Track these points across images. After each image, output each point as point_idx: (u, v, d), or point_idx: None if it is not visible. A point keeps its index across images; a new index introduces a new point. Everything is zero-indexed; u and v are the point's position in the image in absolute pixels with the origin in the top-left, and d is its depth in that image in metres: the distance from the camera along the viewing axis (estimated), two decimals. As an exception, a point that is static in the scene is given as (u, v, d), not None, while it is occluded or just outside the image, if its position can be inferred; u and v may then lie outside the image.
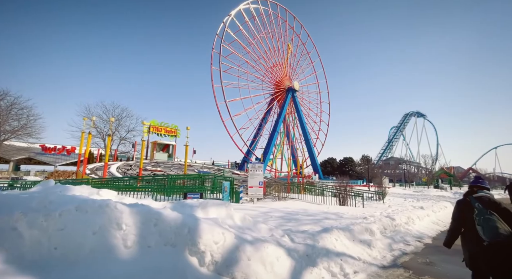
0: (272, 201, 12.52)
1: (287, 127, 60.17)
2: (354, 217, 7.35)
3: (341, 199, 11.39)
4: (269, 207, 8.29)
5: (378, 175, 65.03)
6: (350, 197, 11.59)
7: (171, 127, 32.43)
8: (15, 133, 32.57)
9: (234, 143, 47.46)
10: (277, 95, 56.62)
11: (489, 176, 76.33)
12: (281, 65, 57.11)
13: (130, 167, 19.58)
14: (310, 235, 4.89)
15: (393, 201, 15.99)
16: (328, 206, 10.04)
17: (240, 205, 8.54)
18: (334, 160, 74.53)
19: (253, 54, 51.74)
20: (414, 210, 10.16)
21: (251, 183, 10.22)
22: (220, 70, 44.09)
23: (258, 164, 10.82)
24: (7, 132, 32.23)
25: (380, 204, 13.26)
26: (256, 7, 52.19)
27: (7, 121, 31.51)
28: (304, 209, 8.34)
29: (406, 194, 25.27)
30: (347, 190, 11.69)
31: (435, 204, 13.96)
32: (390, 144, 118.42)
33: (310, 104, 66.57)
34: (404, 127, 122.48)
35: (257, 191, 10.62)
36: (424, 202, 15.52)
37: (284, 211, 7.60)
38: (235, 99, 48.23)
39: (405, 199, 18.47)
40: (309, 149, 58.60)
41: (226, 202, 4.91)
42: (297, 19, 62.52)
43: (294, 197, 13.86)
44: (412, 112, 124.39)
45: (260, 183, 10.22)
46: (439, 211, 12.14)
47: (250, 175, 10.35)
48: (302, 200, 13.56)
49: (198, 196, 8.55)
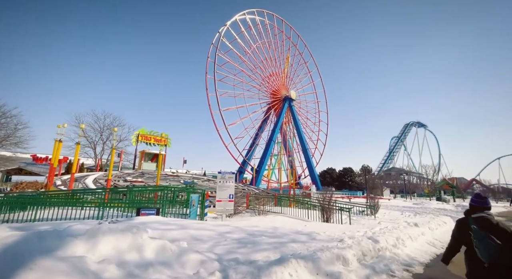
0: (250, 216, 11.29)
1: (284, 136, 59.16)
2: (329, 238, 6.15)
3: (324, 214, 10.06)
4: (233, 226, 7.10)
5: (378, 185, 63.23)
6: (336, 211, 10.28)
7: (161, 136, 31.49)
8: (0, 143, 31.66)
9: (229, 152, 46.50)
10: (274, 104, 56.04)
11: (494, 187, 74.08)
12: (277, 75, 56.88)
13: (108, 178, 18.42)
14: (256, 269, 3.73)
15: (388, 215, 14.65)
16: (306, 223, 8.78)
17: (200, 222, 7.36)
18: (334, 170, 72.89)
19: (249, 63, 51.65)
20: (406, 228, 8.90)
21: (219, 196, 8.94)
22: (214, 79, 43.75)
23: (229, 174, 9.58)
24: (-5, 142, 31.32)
25: (371, 219, 11.91)
26: (253, 17, 52.61)
27: None
28: (275, 228, 7.14)
29: (404, 207, 23.77)
30: (331, 203, 10.34)
31: (433, 219, 12.64)
32: (391, 154, 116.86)
33: (308, 113, 65.97)
34: (405, 137, 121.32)
35: (226, 206, 9.23)
36: (422, 216, 14.18)
37: (248, 231, 6.41)
38: (230, 108, 47.63)
39: (402, 212, 17.10)
40: (307, 158, 57.30)
41: (133, 227, 3.76)
42: (294, 30, 63.04)
43: (278, 211, 12.60)
44: (412, 122, 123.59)
45: (231, 196, 8.97)
46: (436, 228, 10.83)
47: (219, 187, 9.08)
48: (286, 214, 12.31)
49: (153, 212, 7.39)
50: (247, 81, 52.05)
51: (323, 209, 10.04)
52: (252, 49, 51.73)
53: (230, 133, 44.81)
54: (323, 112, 69.13)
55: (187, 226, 6.41)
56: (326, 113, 69.70)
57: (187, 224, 6.58)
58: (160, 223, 6.39)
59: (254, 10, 52.85)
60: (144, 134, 29.71)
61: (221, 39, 46.14)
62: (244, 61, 50.61)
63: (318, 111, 68.38)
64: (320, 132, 66.80)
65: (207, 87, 44.17)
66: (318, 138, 66.02)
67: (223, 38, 46.61)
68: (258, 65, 53.37)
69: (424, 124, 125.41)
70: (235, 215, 10.91)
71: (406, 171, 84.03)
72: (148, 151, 30.18)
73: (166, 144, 31.55)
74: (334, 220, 10.12)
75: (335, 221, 10.10)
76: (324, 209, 10.01)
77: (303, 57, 66.04)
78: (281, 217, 11.51)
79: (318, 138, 66.07)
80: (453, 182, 63.84)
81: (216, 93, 43.27)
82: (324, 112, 69.38)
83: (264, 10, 55.42)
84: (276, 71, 56.84)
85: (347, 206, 12.11)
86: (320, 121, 67.80)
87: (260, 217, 11.01)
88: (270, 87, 56.11)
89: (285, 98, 56.19)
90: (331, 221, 9.97)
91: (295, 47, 63.62)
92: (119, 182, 17.86)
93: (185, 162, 35.27)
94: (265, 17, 55.45)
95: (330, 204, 10.25)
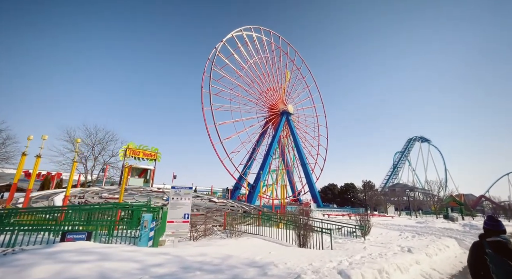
0: (220, 239, 9.85)
1: (283, 151, 57.84)
2: (286, 274, 4.78)
3: (300, 237, 8.52)
4: (175, 254, 5.78)
5: (382, 202, 60.49)
6: (314, 233, 8.73)
7: (150, 150, 30.53)
8: None
9: (224, 167, 45.16)
10: (271, 118, 55.39)
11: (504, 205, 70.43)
12: (274, 90, 56.77)
13: (83, 195, 17.22)
14: None
15: (382, 236, 12.97)
16: (280, 248, 7.36)
17: (135, 250, 6.03)
18: (335, 186, 70.46)
19: (246, 78, 51.73)
20: (396, 255, 7.42)
21: (171, 216, 7.45)
22: (210, 93, 43.53)
23: (184, 190, 7.98)
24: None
25: (359, 242, 10.31)
26: (250, 34, 53.47)
27: None
28: (227, 257, 5.79)
29: (406, 226, 21.79)
30: (308, 224, 8.76)
31: (434, 242, 11.01)
32: (396, 169, 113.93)
33: (307, 128, 65.06)
34: (408, 152, 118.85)
35: (180, 227, 7.53)
36: (422, 238, 12.50)
37: (187, 263, 5.11)
38: (226, 122, 46.95)
39: (401, 232, 15.32)
40: (306, 173, 55.42)
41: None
42: (291, 46, 63.87)
43: (256, 231, 11.12)
44: (415, 137, 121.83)
45: (186, 215, 7.56)
46: (436, 254, 9.26)
47: (171, 204, 7.58)
48: (264, 236, 10.83)
49: (83, 236, 6.12)
50: (243, 96, 51.85)
51: (299, 231, 8.54)
52: (248, 64, 52.06)
53: (225, 147, 43.76)
54: (322, 126, 68.26)
55: (111, 256, 5.14)
56: (326, 127, 68.81)
57: (112, 253, 5.31)
58: (77, 252, 5.15)
59: (251, 27, 53.83)
60: (133, 149, 28.77)
61: (217, 54, 46.54)
62: (241, 76, 50.73)
63: (318, 126, 67.50)
64: (319, 146, 65.46)
65: (203, 101, 43.88)
66: (318, 153, 64.52)
67: (219, 54, 47.02)
68: (255, 80, 53.45)
69: (428, 139, 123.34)
70: (201, 238, 9.52)
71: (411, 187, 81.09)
72: (136, 165, 29.09)
73: (155, 158, 30.50)
74: (313, 243, 8.64)
75: (314, 245, 8.62)
76: (300, 231, 8.52)
77: (301, 72, 66.42)
78: (256, 239, 10.07)
79: (318, 153, 64.59)
80: (460, 198, 60.83)
81: (211, 107, 42.84)
82: (323, 127, 68.50)
83: (261, 27, 56.49)
84: (273, 86, 56.82)
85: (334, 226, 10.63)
86: (319, 135, 66.69)
87: (229, 240, 9.58)
88: (267, 102, 55.81)
89: (283, 112, 55.61)
90: (309, 245, 8.48)
91: (292, 63, 64.16)
92: (94, 198, 16.62)
93: (175, 177, 34.03)
94: (262, 33, 56.39)
95: (307, 224, 8.73)
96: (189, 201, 7.59)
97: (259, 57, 54.63)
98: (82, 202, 15.26)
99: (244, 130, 48.38)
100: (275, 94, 57.24)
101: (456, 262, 9.16)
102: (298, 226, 8.60)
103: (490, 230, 2.66)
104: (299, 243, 8.40)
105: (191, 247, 7.60)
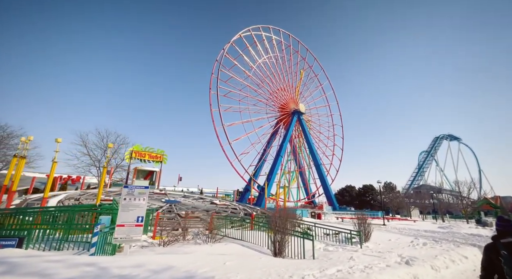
0: (194, 245, 8.91)
1: (295, 151, 56.07)
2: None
3: (276, 243, 7.20)
4: (99, 266, 4.94)
5: (404, 205, 56.26)
6: (293, 238, 7.39)
7: (156, 152, 30.61)
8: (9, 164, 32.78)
9: (234, 169, 44.49)
10: (282, 118, 53.99)
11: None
12: (284, 90, 55.35)
13: (79, 197, 17.25)
14: None
15: (389, 243, 11.20)
16: (229, 261, 6.23)
17: (58, 259, 5.26)
18: (353, 188, 67.03)
19: (255, 78, 50.94)
20: (387, 269, 6.00)
21: (121, 219, 6.40)
22: (217, 94, 43.24)
23: (139, 189, 6.90)
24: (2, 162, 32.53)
25: (352, 250, 8.71)
26: (258, 33, 52.75)
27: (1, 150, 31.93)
28: (167, 268, 4.86)
29: (426, 231, 19.39)
30: (286, 228, 7.37)
31: (448, 252, 9.21)
32: (421, 170, 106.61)
33: (321, 127, 62.71)
34: (435, 151, 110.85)
35: (132, 232, 6.41)
36: (436, 246, 10.66)
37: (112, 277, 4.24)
38: (235, 123, 46.40)
39: (415, 239, 13.36)
40: (320, 175, 53.09)
41: None
42: (302, 44, 62.18)
43: (237, 236, 10.03)
44: (443, 135, 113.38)
45: (140, 219, 6.60)
46: (447, 267, 7.60)
47: (122, 206, 6.55)
48: (247, 240, 9.74)
49: (13, 243, 5.48)
50: (253, 96, 51.04)
51: (274, 237, 7.24)
52: (257, 64, 51.26)
53: (234, 149, 43.11)
54: (337, 125, 65.48)
55: (17, 268, 4.41)
56: (341, 126, 65.95)
57: (23, 264, 4.57)
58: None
59: (259, 26, 53.09)
60: (138, 151, 28.99)
61: (224, 55, 46.29)
62: (250, 76, 50.01)
63: (333, 125, 64.84)
64: (335, 147, 62.71)
65: (211, 103, 43.76)
66: (333, 154, 61.80)
67: (227, 54, 46.75)
68: (265, 80, 52.48)
69: (457, 137, 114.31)
70: (175, 243, 8.67)
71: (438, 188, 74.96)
72: (141, 167, 29.29)
73: (161, 160, 30.51)
74: (293, 251, 7.37)
75: (295, 254, 7.36)
76: (274, 237, 7.20)
77: (313, 70, 64.38)
78: (234, 245, 9.02)
79: (333, 153, 61.87)
80: (496, 201, 54.82)
81: (219, 108, 42.49)
82: (338, 126, 65.71)
83: (270, 26, 55.54)
84: (283, 85, 55.45)
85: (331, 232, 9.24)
86: (335, 135, 63.98)
87: (203, 246, 8.61)
88: (278, 102, 54.52)
89: (294, 112, 53.98)
90: (285, 253, 7.20)
91: (304, 61, 62.38)
92: (87, 200, 16.55)
93: (180, 179, 33.95)
94: (271, 32, 55.41)
95: (285, 228, 7.36)
96: (144, 202, 6.71)
97: (268, 57, 53.66)
98: (76, 203, 15.16)
99: (253, 131, 47.48)
100: (286, 94, 55.80)
101: (473, 277, 7.45)
102: (274, 230, 7.30)
103: (503, 231, 2.65)
104: (274, 251, 7.16)
105: (149, 255, 6.70)
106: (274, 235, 7.04)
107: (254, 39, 51.70)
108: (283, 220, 7.16)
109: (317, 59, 65.55)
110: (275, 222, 7.12)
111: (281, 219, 7.15)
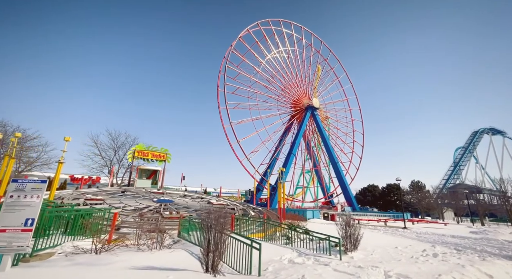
0: (136, 252, 7.51)
1: (310, 149, 53.16)
2: None
3: (208, 255, 5.34)
4: None
5: (435, 206, 50.53)
6: (237, 247, 5.58)
7: (160, 151, 30.25)
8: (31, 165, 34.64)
9: (244, 168, 43.15)
10: (295, 114, 51.50)
11: None
12: (296, 85, 52.74)
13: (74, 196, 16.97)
14: None
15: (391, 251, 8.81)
16: None
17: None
18: (376, 188, 62.07)
19: (264, 74, 49.14)
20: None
21: (4, 223, 5.02)
22: (224, 91, 42.21)
23: (33, 184, 5.44)
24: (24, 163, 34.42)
25: (324, 264, 6.45)
26: (268, 27, 50.93)
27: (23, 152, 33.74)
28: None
29: (454, 236, 16.15)
30: (223, 233, 5.45)
31: (464, 268, 6.78)
32: (457, 167, 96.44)
33: (338, 123, 58.94)
34: (474, 147, 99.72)
35: (14, 239, 4.97)
36: (452, 257, 8.16)
37: None
38: (244, 121, 44.95)
39: (430, 247, 10.73)
40: (338, 173, 49.60)
41: None
42: (316, 36, 59.07)
43: (196, 240, 8.52)
44: (483, 129, 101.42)
45: (29, 222, 5.15)
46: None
47: (7, 205, 5.15)
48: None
49: None
50: (263, 92, 49.25)
51: (207, 245, 5.45)
52: (267, 59, 49.43)
53: (244, 147, 41.77)
54: (357, 121, 61.14)
55: None
56: (361, 122, 61.45)
57: None
58: None
59: (268, 20, 51.25)
60: (141, 150, 28.81)
61: (232, 52, 45.22)
62: (259, 72, 48.34)
63: (351, 120, 60.66)
64: (354, 143, 58.56)
65: (219, 101, 42.90)
66: (353, 151, 57.71)
67: (234, 51, 45.62)
68: (275, 75, 50.47)
69: (502, 130, 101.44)
70: (115, 248, 7.38)
71: (478, 188, 66.74)
72: (144, 167, 29.08)
73: (165, 159, 30.08)
74: (237, 263, 5.59)
75: (238, 266, 5.57)
76: (208, 245, 5.39)
77: (328, 63, 60.86)
78: (184, 252, 7.50)
79: (353, 150, 57.76)
80: (550, 202, 46.88)
81: (226, 106, 41.42)
82: (358, 121, 61.33)
83: (280, 19, 53.41)
84: (295, 80, 52.91)
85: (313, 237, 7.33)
86: (354, 131, 59.76)
87: (143, 254, 7.18)
88: (290, 97, 52.14)
89: (307, 108, 51.22)
90: (228, 265, 5.37)
91: (318, 54, 59.19)
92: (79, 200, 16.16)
93: (184, 178, 33.27)
94: (282, 26, 53.22)
95: (223, 234, 5.48)
96: (39, 200, 5.34)
97: (278, 51, 51.55)
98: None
99: (264, 129, 45.71)
100: (299, 89, 53.19)
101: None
102: (205, 237, 5.48)
103: None
104: (206, 264, 5.34)
105: (44, 270, 5.40)
106: (207, 244, 5.32)
107: (264, 33, 49.98)
108: (219, 222, 5.40)
109: (332, 51, 61.91)
110: (207, 225, 5.42)
111: (216, 220, 5.42)
